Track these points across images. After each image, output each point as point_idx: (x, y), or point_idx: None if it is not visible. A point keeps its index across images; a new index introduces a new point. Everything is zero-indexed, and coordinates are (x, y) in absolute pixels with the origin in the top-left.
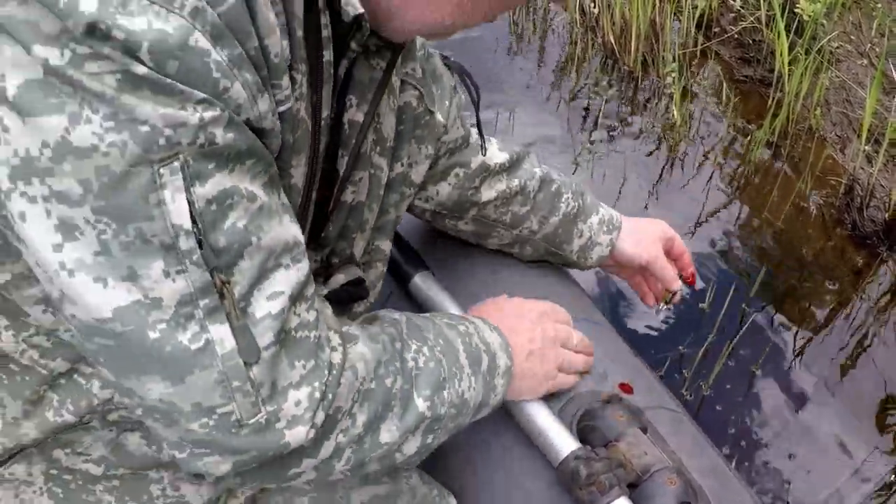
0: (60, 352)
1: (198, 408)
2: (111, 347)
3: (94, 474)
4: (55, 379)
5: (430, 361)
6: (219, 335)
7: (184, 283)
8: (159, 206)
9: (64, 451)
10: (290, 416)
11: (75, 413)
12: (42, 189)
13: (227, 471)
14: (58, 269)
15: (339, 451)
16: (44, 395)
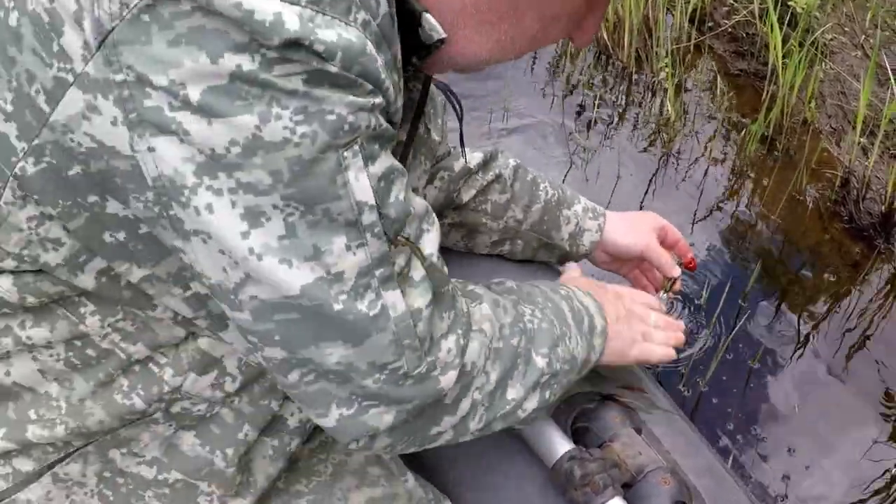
0: (143, 337)
1: (372, 365)
2: (294, 321)
3: (146, 478)
4: (130, 364)
5: (544, 322)
6: (392, 300)
7: (363, 256)
8: (345, 186)
9: (120, 451)
10: (444, 363)
11: (145, 399)
12: (228, 182)
13: (389, 422)
14: (246, 255)
15: (474, 409)
16: (115, 378)
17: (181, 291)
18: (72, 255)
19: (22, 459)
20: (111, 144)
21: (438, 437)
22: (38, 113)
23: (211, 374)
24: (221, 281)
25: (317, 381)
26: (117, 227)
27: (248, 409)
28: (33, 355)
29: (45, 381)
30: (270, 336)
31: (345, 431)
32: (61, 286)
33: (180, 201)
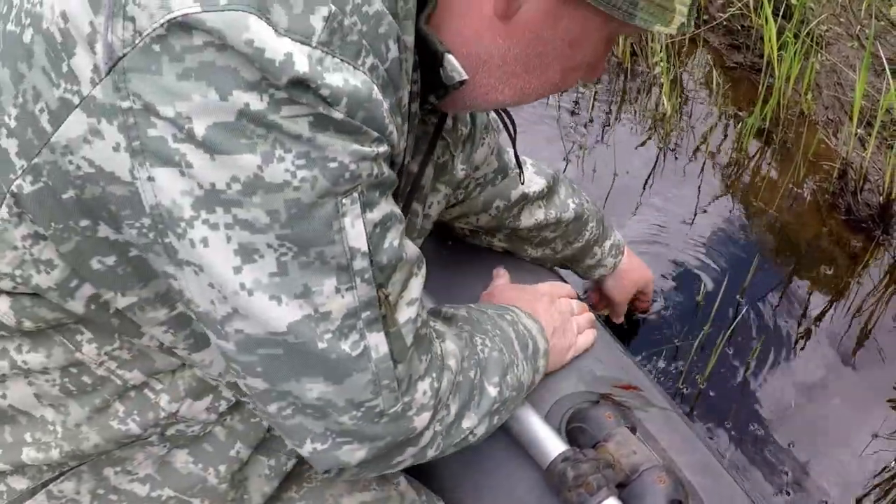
0: (139, 364)
1: (350, 403)
2: (277, 357)
3: (140, 495)
4: (126, 391)
5: (494, 351)
6: (374, 342)
7: (351, 298)
8: (340, 231)
9: (114, 470)
10: (419, 405)
11: (141, 424)
12: (225, 217)
13: (361, 458)
14: (237, 290)
15: (434, 439)
16: (111, 404)
17: (167, 311)
18: (63, 280)
19: (16, 478)
20: (110, 170)
21: (399, 465)
22: (41, 132)
23: (206, 399)
24: (209, 311)
25: (294, 416)
26: (107, 251)
27: (240, 426)
28: (29, 380)
29: (41, 405)
30: (253, 368)
31: (317, 462)
32: (58, 312)
33: (176, 232)
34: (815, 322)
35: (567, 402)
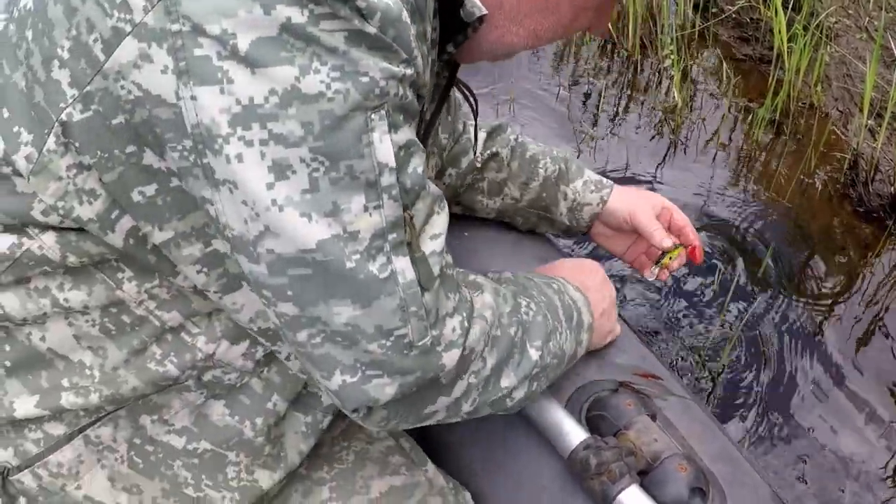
0: (177, 305)
1: (379, 330)
2: (306, 277)
3: (176, 447)
4: (164, 333)
5: (538, 315)
6: (401, 266)
7: (378, 218)
8: (369, 145)
9: (151, 418)
10: (448, 341)
11: (178, 366)
12: (261, 133)
13: (391, 394)
14: (269, 206)
15: (468, 392)
16: (148, 347)
17: (201, 247)
18: (104, 211)
19: (53, 424)
20: (157, 93)
21: (431, 416)
22: (94, 61)
23: (243, 344)
24: (243, 233)
25: (323, 344)
26: (149, 180)
27: (277, 379)
28: (69, 320)
29: (80, 348)
30: (283, 291)
31: (346, 398)
32: (101, 247)
33: (214, 149)
34: (828, 311)
35: (587, 390)
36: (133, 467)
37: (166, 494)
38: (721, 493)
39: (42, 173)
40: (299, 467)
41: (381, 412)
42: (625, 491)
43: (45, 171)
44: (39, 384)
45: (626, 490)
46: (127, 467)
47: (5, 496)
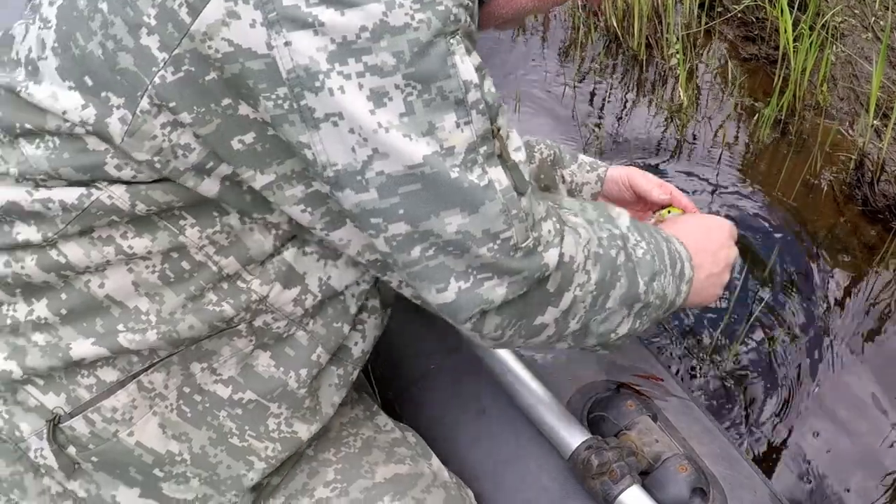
0: (234, 251)
1: (486, 234)
2: (416, 193)
3: (222, 397)
4: (220, 280)
5: (648, 254)
6: (496, 175)
7: (469, 133)
8: (454, 67)
9: (200, 366)
10: (545, 241)
11: (234, 306)
12: (357, 66)
13: (503, 295)
14: (376, 128)
15: (575, 306)
16: (204, 294)
17: (303, 189)
18: (200, 161)
19: (107, 370)
20: (248, 46)
21: (542, 331)
22: (180, 24)
23: (294, 290)
24: (349, 163)
25: (437, 256)
26: (246, 129)
27: (321, 331)
28: (129, 266)
29: (137, 294)
30: (395, 211)
31: (461, 305)
32: (170, 195)
33: (314, 87)
34: (833, 311)
35: (588, 390)
36: (181, 416)
37: (213, 443)
38: (722, 493)
39: (137, 134)
40: (306, 449)
41: (494, 318)
42: (626, 491)
43: (139, 132)
44: (94, 329)
45: (628, 490)
46: (176, 415)
47: (55, 445)
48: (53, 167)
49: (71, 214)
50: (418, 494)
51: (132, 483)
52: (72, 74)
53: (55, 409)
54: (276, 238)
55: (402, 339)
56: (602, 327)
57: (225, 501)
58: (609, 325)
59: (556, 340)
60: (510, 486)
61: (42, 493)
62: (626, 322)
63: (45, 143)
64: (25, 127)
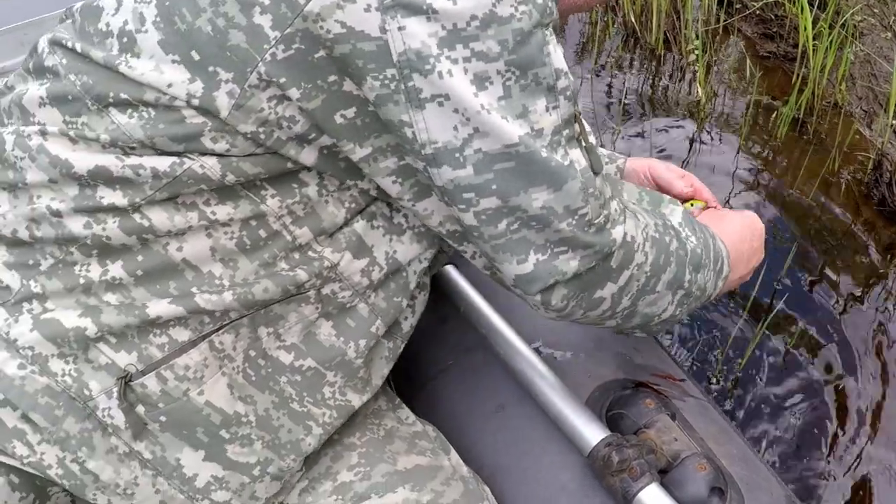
0: (309, 222)
1: (567, 210)
2: (509, 170)
3: (284, 363)
4: (293, 249)
5: (698, 248)
6: (576, 156)
7: (556, 117)
8: (548, 55)
9: (267, 330)
10: (613, 218)
11: (307, 272)
12: (464, 52)
13: (574, 268)
14: (479, 109)
15: (630, 285)
16: (276, 262)
17: (396, 160)
18: (304, 133)
19: (179, 329)
20: (361, 29)
21: (600, 304)
22: (294, 5)
23: (363, 261)
24: (449, 141)
25: (520, 230)
26: (349, 104)
27: (382, 304)
28: (209, 232)
29: (213, 259)
30: (488, 186)
31: (538, 276)
32: (259, 168)
33: (423, 70)
34: (849, 311)
35: (608, 388)
36: (247, 379)
37: (276, 407)
38: (739, 494)
39: (244, 107)
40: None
41: (562, 290)
42: (645, 489)
43: (247, 106)
44: (168, 291)
45: (647, 488)
46: (242, 378)
47: (125, 403)
48: (148, 136)
49: (161, 182)
50: (437, 487)
51: (198, 445)
52: (177, 49)
53: (127, 367)
54: (348, 211)
55: (420, 336)
56: (648, 309)
57: (284, 466)
58: (654, 309)
59: (608, 316)
60: (528, 482)
61: (109, 452)
62: (670, 308)
63: (140, 112)
64: (121, 97)
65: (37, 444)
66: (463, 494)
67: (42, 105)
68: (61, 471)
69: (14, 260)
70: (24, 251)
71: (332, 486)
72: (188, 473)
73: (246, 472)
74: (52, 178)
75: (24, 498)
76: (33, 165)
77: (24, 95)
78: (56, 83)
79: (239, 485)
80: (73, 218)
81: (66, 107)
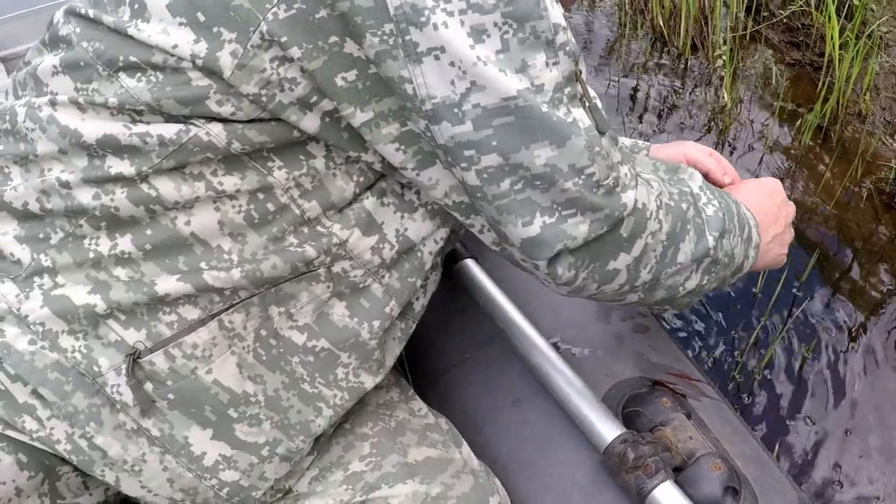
0: (317, 196)
1: (572, 168)
2: (509, 125)
3: (296, 343)
4: (301, 224)
5: (719, 212)
6: (579, 115)
7: (557, 73)
8: (545, 9)
9: (278, 310)
10: (624, 182)
11: (316, 248)
12: (460, 4)
13: (584, 233)
14: (475, 61)
15: (646, 255)
16: (286, 237)
17: (398, 126)
18: (305, 95)
19: (188, 308)
20: None
21: (615, 277)
22: None
23: (373, 238)
24: (448, 95)
25: (524, 190)
26: (350, 66)
27: (396, 285)
28: (217, 205)
29: (221, 233)
30: (489, 142)
31: (545, 239)
32: (264, 136)
33: (419, 23)
34: (869, 317)
35: (623, 386)
36: (257, 358)
37: (286, 387)
38: (753, 494)
39: (247, 67)
40: (344, 423)
41: (568, 258)
42: (660, 486)
43: (249, 66)
44: (177, 266)
45: (662, 485)
46: (252, 357)
47: (133, 380)
48: (155, 98)
49: (167, 149)
50: (447, 479)
51: (206, 423)
52: (184, 11)
53: (136, 344)
54: (357, 185)
55: (439, 328)
56: (671, 280)
57: (293, 447)
58: (678, 278)
59: (627, 290)
60: (541, 476)
61: (117, 428)
62: (695, 276)
63: (147, 76)
64: (130, 60)
65: (46, 420)
66: (473, 488)
67: (55, 74)
68: (69, 446)
69: (25, 234)
70: (35, 224)
71: (343, 476)
72: (196, 452)
73: (254, 452)
74: (61, 148)
75: (33, 477)
76: (44, 136)
77: (40, 66)
78: (69, 51)
79: (248, 465)
80: (82, 189)
81: (78, 73)
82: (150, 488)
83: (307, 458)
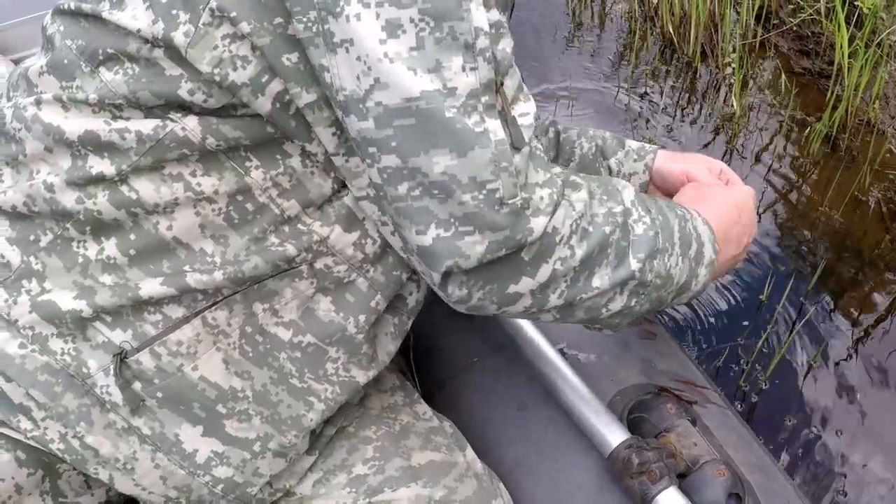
0: (296, 194)
1: (473, 181)
2: (410, 127)
3: (283, 339)
4: (282, 223)
5: (650, 231)
6: (493, 126)
7: (474, 79)
8: (468, 11)
9: (263, 306)
10: (536, 207)
11: (297, 246)
12: None
13: (480, 253)
14: (381, 58)
15: (554, 280)
16: (267, 236)
17: (330, 113)
18: (256, 75)
19: (173, 307)
20: None
21: (517, 300)
22: None
23: (354, 234)
24: (354, 90)
25: (422, 197)
26: (293, 48)
27: (381, 278)
28: (197, 209)
29: (203, 236)
30: (388, 143)
31: (437, 252)
32: (238, 131)
33: (335, 13)
34: (876, 326)
35: (629, 392)
36: (243, 355)
37: (275, 383)
38: (756, 501)
39: (199, 44)
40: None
41: (460, 277)
42: (664, 492)
43: (201, 43)
44: (161, 271)
45: (665, 491)
46: (238, 354)
47: (121, 380)
48: (132, 90)
49: (145, 146)
50: (450, 483)
51: (195, 420)
52: None
53: (122, 344)
54: (335, 182)
55: (446, 333)
56: (590, 303)
57: (285, 442)
58: (599, 300)
59: (537, 312)
60: (545, 481)
61: (107, 427)
62: (619, 299)
63: (125, 69)
64: (108, 52)
65: (41, 420)
66: (476, 491)
67: (41, 74)
68: (63, 445)
69: (16, 235)
70: (26, 226)
71: (347, 479)
72: (188, 449)
73: (246, 448)
74: (47, 146)
75: (32, 474)
76: (29, 136)
77: (30, 68)
78: (54, 52)
79: (240, 460)
80: (66, 192)
81: (62, 71)
82: (143, 486)
83: (309, 458)
